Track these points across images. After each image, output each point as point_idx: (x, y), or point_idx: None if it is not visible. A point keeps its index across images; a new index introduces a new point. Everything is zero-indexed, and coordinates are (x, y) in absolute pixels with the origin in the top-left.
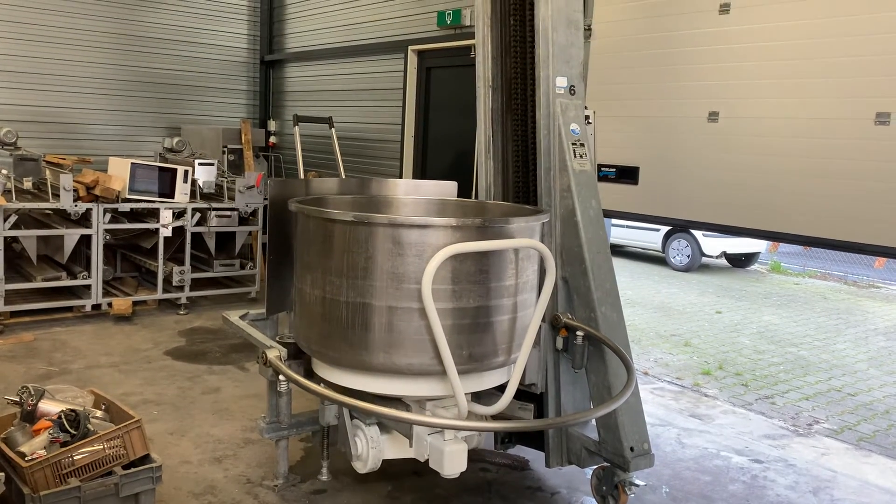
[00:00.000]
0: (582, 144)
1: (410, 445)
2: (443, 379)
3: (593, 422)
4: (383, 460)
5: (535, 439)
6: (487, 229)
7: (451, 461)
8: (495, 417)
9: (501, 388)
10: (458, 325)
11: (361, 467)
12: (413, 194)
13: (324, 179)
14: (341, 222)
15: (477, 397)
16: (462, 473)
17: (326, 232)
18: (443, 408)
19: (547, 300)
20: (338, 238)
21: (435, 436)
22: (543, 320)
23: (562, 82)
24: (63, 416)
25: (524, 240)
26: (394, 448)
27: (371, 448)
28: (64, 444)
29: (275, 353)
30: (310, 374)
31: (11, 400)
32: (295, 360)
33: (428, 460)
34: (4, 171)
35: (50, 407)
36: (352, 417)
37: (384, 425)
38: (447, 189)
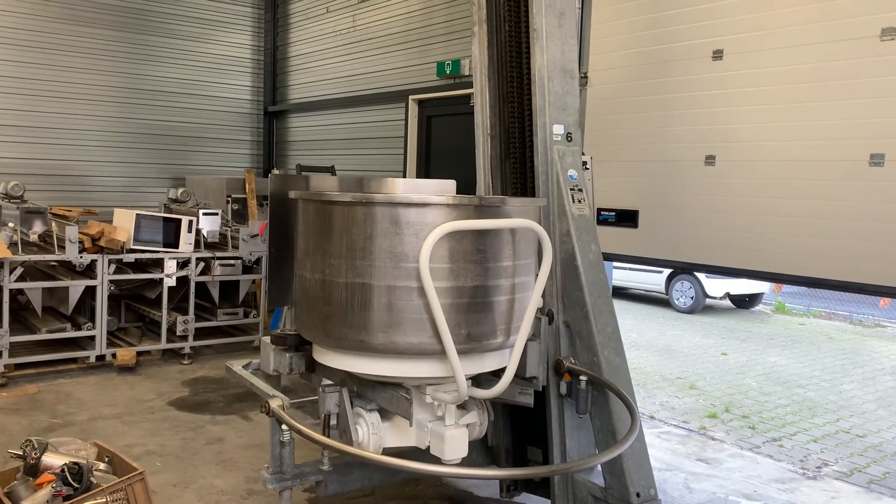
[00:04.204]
0: (580, 189)
1: (411, 424)
2: (442, 360)
3: (599, 467)
4: None
5: (540, 486)
6: (484, 209)
7: (453, 446)
8: (494, 402)
9: (499, 376)
10: (456, 304)
11: None
12: (413, 192)
13: (323, 177)
14: (340, 204)
15: (477, 383)
16: None
17: (326, 215)
18: (443, 392)
19: (545, 281)
20: (337, 220)
21: (436, 422)
22: (540, 313)
23: (559, 129)
24: (66, 470)
25: (520, 220)
26: (395, 435)
27: (372, 434)
28: (67, 498)
29: (278, 402)
30: (312, 369)
31: (15, 453)
32: (297, 352)
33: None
34: (11, 224)
35: (53, 460)
36: (353, 405)
37: (385, 412)
38: (447, 188)
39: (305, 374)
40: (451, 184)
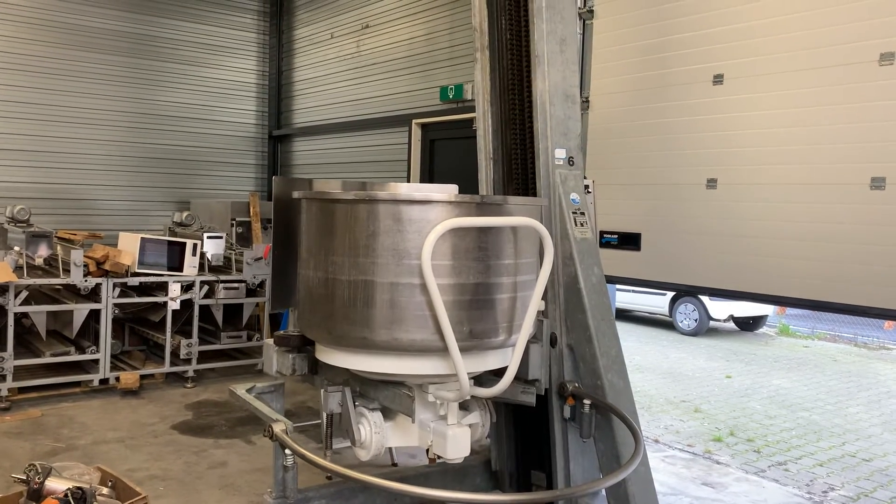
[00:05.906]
0: (582, 213)
1: (413, 422)
2: (444, 357)
3: (603, 492)
4: None
5: None
6: (486, 206)
7: (455, 445)
8: (498, 417)
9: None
10: (458, 300)
11: (365, 455)
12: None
13: (326, 181)
14: (343, 202)
15: (479, 383)
16: None
17: (329, 213)
18: (446, 390)
19: (546, 278)
20: (340, 218)
21: (438, 421)
22: (542, 316)
23: (560, 154)
24: (70, 495)
25: (521, 218)
26: (397, 435)
27: (374, 434)
28: None
29: (281, 426)
30: (315, 371)
31: (18, 478)
32: (299, 353)
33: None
34: (17, 248)
35: (56, 485)
36: (355, 404)
37: (388, 412)
38: (449, 191)
39: (308, 377)
40: (453, 187)
